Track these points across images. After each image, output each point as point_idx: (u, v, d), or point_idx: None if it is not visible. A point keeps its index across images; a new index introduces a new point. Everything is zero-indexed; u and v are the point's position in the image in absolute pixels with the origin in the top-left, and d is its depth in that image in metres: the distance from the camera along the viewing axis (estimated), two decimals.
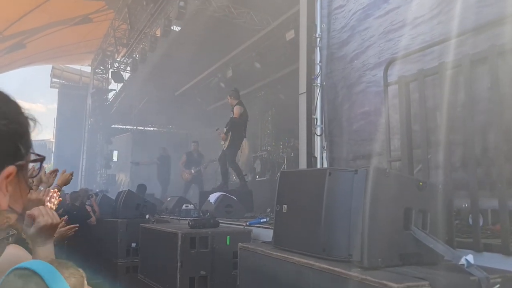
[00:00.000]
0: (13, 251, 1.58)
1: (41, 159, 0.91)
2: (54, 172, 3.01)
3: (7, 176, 0.79)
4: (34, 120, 0.87)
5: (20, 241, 1.80)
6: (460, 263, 2.05)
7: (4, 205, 0.80)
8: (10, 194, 0.81)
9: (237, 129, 7.95)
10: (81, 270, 1.42)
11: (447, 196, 2.63)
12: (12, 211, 0.84)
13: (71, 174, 3.11)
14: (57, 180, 2.96)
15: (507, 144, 2.77)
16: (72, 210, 6.78)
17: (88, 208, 7.83)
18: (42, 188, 2.61)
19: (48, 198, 2.63)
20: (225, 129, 8.01)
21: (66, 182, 3.05)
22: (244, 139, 8.52)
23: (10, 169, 0.79)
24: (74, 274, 1.36)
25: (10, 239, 1.22)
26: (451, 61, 3.19)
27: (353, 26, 4.78)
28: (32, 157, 0.89)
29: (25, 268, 1.06)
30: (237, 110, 7.97)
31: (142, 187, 9.49)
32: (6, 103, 0.83)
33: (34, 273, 1.05)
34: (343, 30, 4.96)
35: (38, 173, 0.92)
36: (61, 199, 2.87)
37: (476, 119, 2.95)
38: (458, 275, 2.02)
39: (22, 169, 0.84)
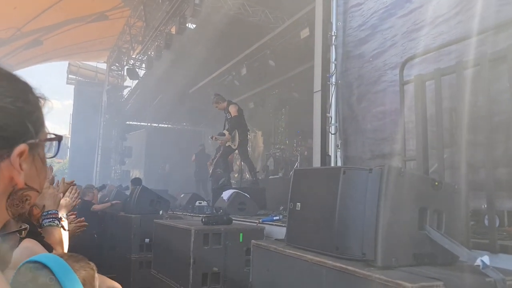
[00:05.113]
0: (29, 244, 1.62)
1: (57, 138, 0.90)
2: (71, 183, 3.04)
3: (20, 154, 0.80)
4: (45, 99, 0.87)
5: (35, 235, 1.83)
6: (476, 264, 2.02)
7: (20, 183, 0.81)
8: (25, 172, 0.81)
9: (240, 125, 8.00)
10: (92, 264, 1.45)
11: (463, 196, 2.60)
12: (31, 189, 0.85)
13: (71, 183, 3.12)
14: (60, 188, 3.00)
15: None
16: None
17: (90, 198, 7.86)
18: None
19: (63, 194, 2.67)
20: (226, 132, 8.01)
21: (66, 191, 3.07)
22: (257, 131, 8.53)
23: (22, 147, 0.80)
24: (84, 267, 1.40)
25: (23, 232, 1.24)
26: (469, 60, 3.14)
27: (374, 25, 4.73)
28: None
29: (35, 262, 1.08)
30: (233, 108, 8.01)
31: (137, 181, 9.44)
32: (13, 82, 0.83)
33: (44, 266, 1.08)
34: (361, 28, 4.92)
35: (57, 153, 0.91)
36: (79, 199, 2.91)
37: (496, 119, 2.90)
38: (473, 276, 2.00)
39: (35, 147, 0.84)
